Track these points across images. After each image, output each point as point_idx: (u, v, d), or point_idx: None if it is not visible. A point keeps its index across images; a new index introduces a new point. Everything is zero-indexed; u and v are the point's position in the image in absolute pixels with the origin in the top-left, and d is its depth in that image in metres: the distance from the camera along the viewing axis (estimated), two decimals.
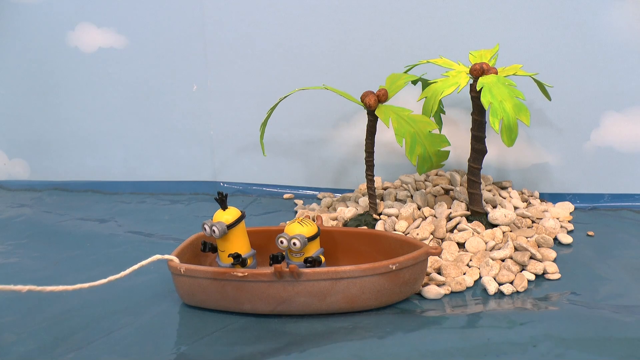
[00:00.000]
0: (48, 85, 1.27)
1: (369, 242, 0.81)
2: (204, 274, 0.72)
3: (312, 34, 1.11)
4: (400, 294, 0.73)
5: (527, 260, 0.82)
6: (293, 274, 0.69)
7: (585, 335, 0.65)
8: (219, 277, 0.71)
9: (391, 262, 0.70)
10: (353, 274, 0.69)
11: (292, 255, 0.75)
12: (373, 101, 0.88)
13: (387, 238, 0.80)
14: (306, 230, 0.74)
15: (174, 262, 0.73)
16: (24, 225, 1.09)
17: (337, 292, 0.70)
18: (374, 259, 0.79)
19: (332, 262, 0.82)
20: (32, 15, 1.23)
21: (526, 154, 1.08)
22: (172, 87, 1.22)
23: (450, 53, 0.99)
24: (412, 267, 0.72)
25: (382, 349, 0.65)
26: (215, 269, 0.71)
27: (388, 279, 0.70)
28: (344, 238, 0.82)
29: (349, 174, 1.18)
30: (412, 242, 0.76)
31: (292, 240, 0.73)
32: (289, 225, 0.75)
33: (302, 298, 0.70)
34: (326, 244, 0.81)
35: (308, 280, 0.69)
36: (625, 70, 1.01)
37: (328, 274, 0.69)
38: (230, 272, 0.70)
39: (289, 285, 0.70)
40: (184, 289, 0.74)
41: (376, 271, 0.70)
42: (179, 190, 1.25)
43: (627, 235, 0.94)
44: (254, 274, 0.70)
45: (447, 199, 0.97)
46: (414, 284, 0.74)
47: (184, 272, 0.72)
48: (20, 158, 1.35)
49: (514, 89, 0.81)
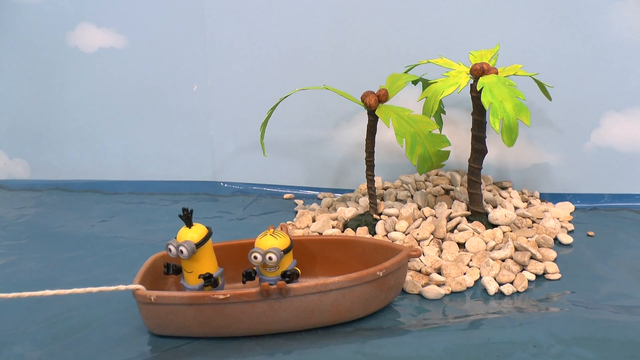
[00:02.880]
0: (48, 85, 1.27)
1: (341, 249, 0.78)
2: (180, 300, 0.65)
3: (313, 34, 1.11)
4: (385, 300, 0.71)
5: (527, 261, 0.82)
6: (281, 291, 0.65)
7: (585, 336, 0.65)
8: (197, 302, 0.65)
9: (378, 268, 0.67)
10: (341, 284, 0.66)
11: (265, 270, 0.70)
12: (373, 101, 0.88)
13: (360, 243, 0.77)
14: (280, 242, 0.69)
15: (142, 291, 0.66)
16: (24, 225, 1.09)
17: (326, 305, 0.67)
18: (349, 266, 0.76)
19: (306, 273, 0.77)
20: (32, 15, 1.23)
21: (526, 154, 1.08)
22: (172, 87, 1.22)
23: (451, 53, 0.99)
24: (396, 272, 0.70)
25: (383, 349, 0.65)
26: (193, 294, 0.66)
27: (375, 286, 0.68)
28: (314, 246, 0.78)
29: (349, 174, 1.18)
30: (387, 245, 0.74)
31: (267, 254, 0.68)
32: (260, 238, 0.70)
33: (289, 315, 0.66)
34: (297, 254, 0.76)
35: (296, 295, 0.65)
36: (626, 70, 1.01)
37: (316, 288, 0.66)
38: (210, 296, 0.65)
39: (275, 303, 0.65)
40: (155, 319, 0.67)
41: (364, 280, 0.67)
42: (179, 190, 1.25)
43: (627, 235, 0.94)
44: (237, 295, 0.65)
45: (447, 199, 0.97)
46: (397, 288, 0.72)
47: (155, 300, 0.65)
48: (20, 158, 1.35)
49: (514, 89, 0.81)
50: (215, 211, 1.13)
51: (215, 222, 1.07)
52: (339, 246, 0.78)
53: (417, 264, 0.82)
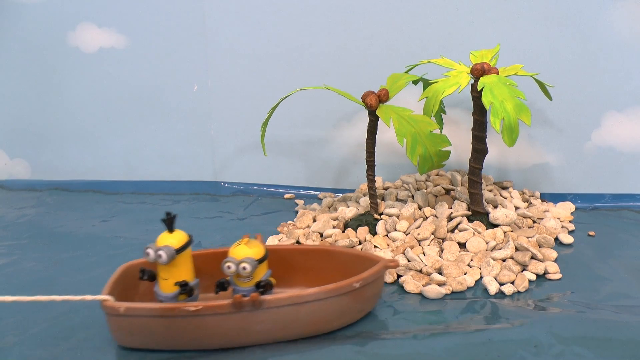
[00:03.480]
0: (49, 85, 1.27)
1: (319, 258, 0.76)
2: (150, 312, 0.63)
3: (313, 33, 1.11)
4: (361, 312, 0.70)
5: (528, 260, 0.82)
6: (254, 303, 0.63)
7: (586, 336, 0.65)
8: (168, 313, 0.63)
9: (355, 280, 0.66)
10: (317, 296, 0.64)
11: (239, 280, 0.68)
12: (374, 101, 0.88)
13: (338, 253, 0.76)
14: (254, 252, 0.67)
15: (110, 302, 0.64)
16: (25, 225, 1.09)
17: (301, 317, 0.65)
18: (326, 276, 0.74)
19: (283, 284, 0.75)
20: (33, 15, 1.23)
21: (527, 154, 1.08)
22: (173, 87, 1.22)
23: (451, 53, 0.99)
24: (373, 283, 0.68)
25: (383, 349, 0.65)
26: (163, 305, 0.63)
27: (352, 297, 0.67)
28: (292, 256, 0.77)
29: (349, 174, 1.18)
30: (365, 256, 0.73)
31: (241, 264, 0.66)
32: (234, 248, 0.68)
33: (263, 327, 0.64)
34: (272, 264, 0.73)
35: (270, 307, 0.64)
36: (626, 70, 1.01)
37: (291, 299, 0.64)
38: (181, 307, 0.63)
39: (248, 316, 0.63)
40: (123, 330, 0.65)
41: (340, 291, 0.65)
42: (179, 190, 1.25)
43: (628, 235, 0.94)
44: (209, 307, 0.63)
45: (448, 199, 0.97)
46: (373, 299, 0.71)
47: (124, 311, 0.63)
48: (21, 158, 1.35)
49: (515, 89, 0.81)
50: (216, 211, 1.13)
51: (216, 222, 1.07)
52: (316, 256, 0.76)
53: (417, 264, 0.82)
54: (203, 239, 0.98)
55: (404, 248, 0.86)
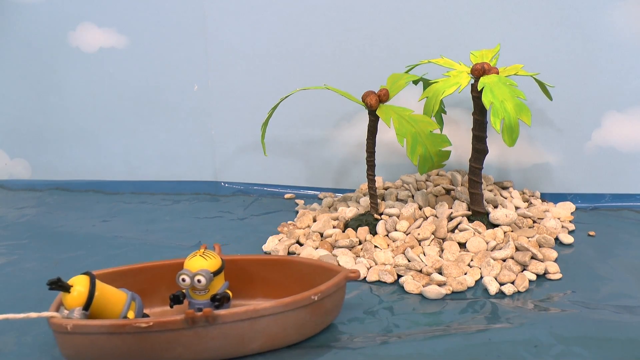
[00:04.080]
0: (49, 85, 1.27)
1: (278, 269, 0.74)
2: (99, 329, 0.60)
3: (313, 33, 1.11)
4: (321, 325, 0.68)
5: (528, 260, 0.82)
6: (208, 319, 0.60)
7: (586, 336, 0.65)
8: (118, 330, 0.60)
9: (313, 292, 0.64)
10: (274, 310, 0.62)
11: (194, 293, 0.66)
12: (374, 101, 0.88)
13: (297, 263, 0.73)
14: (210, 263, 0.65)
15: (57, 319, 0.60)
16: (25, 225, 1.09)
17: (257, 332, 0.62)
18: (285, 288, 0.72)
19: (238, 296, 0.72)
20: (33, 15, 1.23)
21: (527, 153, 1.08)
22: (173, 87, 1.22)
23: (452, 53, 0.99)
24: (333, 295, 0.66)
25: (384, 349, 0.65)
26: (112, 322, 0.60)
27: (310, 311, 0.64)
28: (251, 267, 0.74)
29: (350, 173, 1.18)
30: (325, 266, 0.71)
31: (196, 277, 0.64)
32: (189, 259, 0.66)
33: (218, 343, 0.62)
34: (229, 276, 0.71)
35: (224, 323, 0.61)
36: (626, 70, 1.01)
37: (247, 314, 0.61)
38: (132, 324, 0.60)
39: (202, 331, 0.61)
40: (72, 349, 0.61)
41: (298, 304, 0.63)
42: (179, 190, 1.25)
43: (628, 235, 0.94)
44: (161, 322, 0.60)
45: (448, 199, 0.97)
46: (335, 311, 0.69)
47: (71, 329, 0.59)
48: (21, 158, 1.35)
49: (515, 89, 0.81)
50: (216, 211, 1.13)
51: (216, 222, 1.07)
52: (276, 267, 0.74)
53: (418, 264, 0.82)
54: (203, 239, 0.99)
55: (404, 248, 0.86)
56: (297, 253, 0.89)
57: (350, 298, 0.77)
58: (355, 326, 0.70)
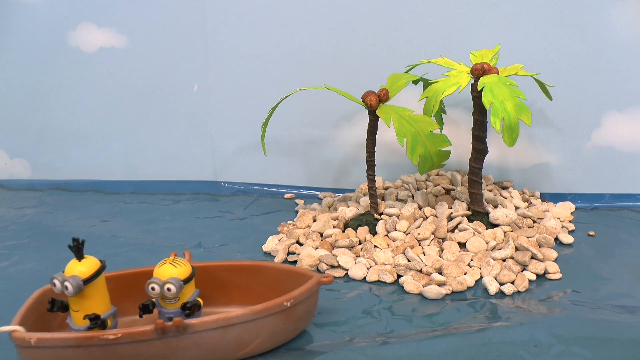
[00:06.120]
0: (49, 85, 1.27)
1: (250, 275, 0.72)
2: (64, 342, 0.57)
3: (313, 33, 1.11)
4: (294, 331, 0.67)
5: (528, 260, 0.82)
6: (178, 329, 0.59)
7: (586, 335, 0.65)
8: (85, 343, 0.58)
9: (285, 298, 0.62)
10: (245, 318, 0.61)
11: (164, 301, 0.64)
12: (374, 101, 0.88)
13: (269, 269, 0.72)
14: (180, 271, 0.64)
15: (20, 333, 0.58)
16: (25, 225, 1.09)
17: (229, 340, 0.61)
18: (258, 294, 0.71)
19: (210, 303, 0.71)
20: (33, 15, 1.23)
21: (527, 153, 1.08)
22: (173, 86, 1.22)
23: (452, 53, 0.99)
24: (305, 301, 0.65)
25: (384, 349, 0.65)
26: (80, 335, 0.58)
27: (283, 317, 0.63)
28: (223, 273, 0.73)
29: (350, 173, 1.18)
30: (298, 272, 0.70)
31: (166, 285, 0.62)
32: (159, 267, 0.64)
33: (189, 353, 0.60)
34: (200, 283, 0.69)
35: (195, 332, 0.59)
36: (626, 70, 1.01)
37: (217, 323, 0.60)
38: (100, 336, 0.58)
39: (172, 342, 0.59)
40: None
41: (270, 311, 0.62)
42: (179, 190, 1.25)
43: (628, 235, 0.94)
44: (129, 334, 0.58)
45: (448, 199, 0.97)
46: (308, 317, 0.68)
47: (35, 343, 0.57)
48: (21, 157, 1.35)
49: (515, 89, 0.81)
50: (216, 211, 1.13)
51: (216, 222, 1.07)
52: (248, 272, 0.72)
53: (417, 264, 0.82)
54: (203, 239, 0.99)
55: (404, 248, 0.86)
56: (297, 253, 0.89)
57: (350, 298, 0.77)
58: (355, 326, 0.70)
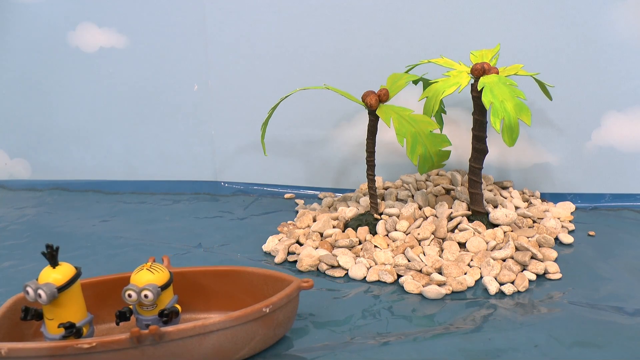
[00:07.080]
0: (49, 85, 1.27)
1: (228, 281, 0.71)
2: (37, 352, 0.56)
3: (313, 33, 1.11)
4: (274, 337, 0.66)
5: (528, 260, 0.82)
6: (154, 337, 0.57)
7: (586, 336, 0.65)
8: (58, 353, 0.56)
9: (264, 304, 0.61)
10: (223, 325, 0.59)
11: (142, 308, 0.63)
12: (374, 101, 0.88)
13: (248, 274, 0.71)
14: (157, 277, 0.63)
15: None
16: (25, 225, 1.09)
17: (207, 348, 0.60)
18: (237, 299, 0.71)
19: (188, 309, 0.70)
20: (33, 15, 1.23)
21: (527, 153, 1.08)
22: (173, 86, 1.22)
23: (452, 53, 0.99)
24: (285, 306, 0.64)
25: (385, 351, 0.65)
26: (53, 344, 0.57)
27: (262, 323, 0.62)
28: (201, 278, 0.71)
29: (350, 173, 1.18)
30: (277, 277, 0.69)
31: (143, 292, 0.61)
32: (135, 274, 0.63)
33: None
34: (180, 289, 0.68)
35: (172, 340, 0.58)
36: (626, 70, 1.01)
37: (195, 330, 0.59)
38: (74, 345, 0.56)
39: (149, 350, 0.58)
40: None
41: (249, 318, 0.61)
42: (179, 190, 1.25)
43: (628, 235, 0.94)
44: (104, 342, 0.57)
45: (448, 199, 0.97)
46: (288, 323, 0.67)
47: (5, 353, 0.56)
48: (21, 158, 1.35)
49: (515, 89, 0.81)
50: (216, 211, 1.13)
51: (216, 222, 1.07)
52: (227, 278, 0.71)
53: (417, 264, 0.82)
54: (203, 239, 0.99)
55: (404, 248, 0.86)
56: (297, 253, 0.89)
57: (350, 298, 0.77)
58: (355, 326, 0.70)
